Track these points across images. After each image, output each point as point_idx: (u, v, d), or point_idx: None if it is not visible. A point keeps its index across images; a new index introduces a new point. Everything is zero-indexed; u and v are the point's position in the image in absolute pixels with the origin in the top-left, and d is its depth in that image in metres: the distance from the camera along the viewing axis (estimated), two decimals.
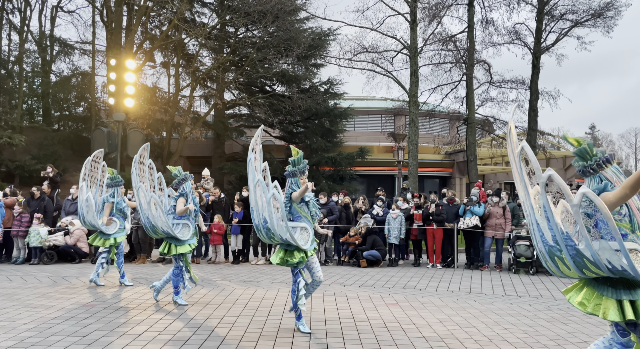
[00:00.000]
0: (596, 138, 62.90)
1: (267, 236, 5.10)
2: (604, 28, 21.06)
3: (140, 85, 20.88)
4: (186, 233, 6.61)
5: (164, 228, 6.46)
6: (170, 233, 6.46)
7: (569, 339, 5.32)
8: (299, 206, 5.23)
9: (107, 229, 7.78)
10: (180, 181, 6.69)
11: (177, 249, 6.52)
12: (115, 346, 4.67)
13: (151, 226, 6.61)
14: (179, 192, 6.68)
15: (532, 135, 21.41)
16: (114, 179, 7.94)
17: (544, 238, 3.10)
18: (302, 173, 5.30)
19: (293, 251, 5.12)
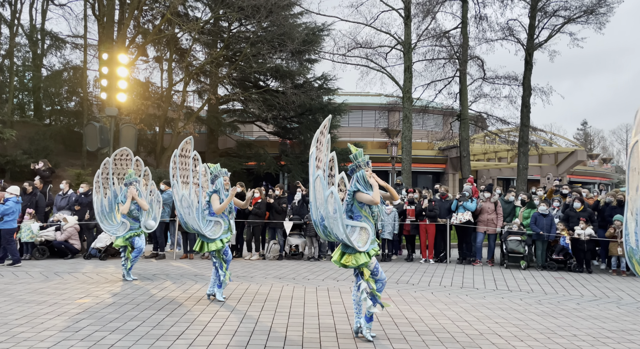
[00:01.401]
0: (588, 134, 63.43)
1: (324, 234, 4.93)
2: (596, 24, 21.19)
3: (132, 80, 20.72)
4: (217, 230, 6.62)
5: (194, 226, 6.53)
6: (200, 231, 6.52)
7: (558, 332, 5.39)
8: (359, 205, 4.98)
9: (117, 231, 7.98)
10: (215, 177, 6.75)
11: (208, 246, 6.57)
12: (108, 341, 4.66)
13: (183, 223, 6.74)
14: (212, 188, 6.73)
15: (525, 130, 21.53)
16: (130, 177, 8.06)
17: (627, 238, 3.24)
18: (366, 164, 5.05)
19: (354, 254, 4.82)
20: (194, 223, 6.49)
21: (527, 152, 21.90)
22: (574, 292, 7.87)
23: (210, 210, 6.63)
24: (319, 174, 4.76)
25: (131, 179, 8.01)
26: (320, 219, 4.86)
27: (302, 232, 11.27)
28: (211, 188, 6.74)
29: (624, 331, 5.51)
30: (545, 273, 9.83)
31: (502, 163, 31.95)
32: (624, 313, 6.43)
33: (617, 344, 5.02)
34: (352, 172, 5.12)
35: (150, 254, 10.90)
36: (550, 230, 10.26)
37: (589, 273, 9.83)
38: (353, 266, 4.87)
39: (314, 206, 4.92)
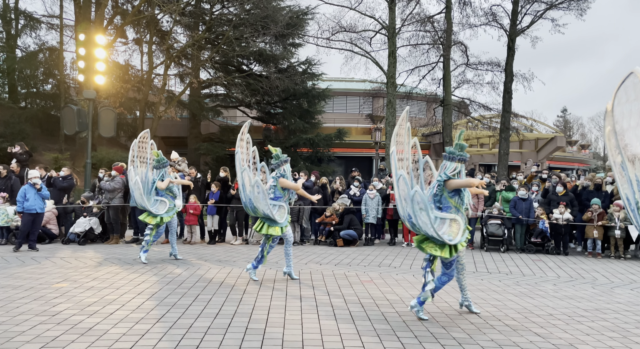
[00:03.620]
0: (567, 121, 64.52)
1: (414, 229, 4.88)
2: (577, 11, 21.35)
3: (111, 62, 20.20)
4: (282, 214, 6.65)
5: (265, 210, 6.50)
6: (270, 216, 6.52)
7: (535, 312, 5.51)
8: (449, 196, 4.82)
9: (156, 210, 8.02)
10: (281, 163, 6.71)
11: (268, 229, 6.61)
12: (85, 325, 4.60)
13: (252, 207, 6.69)
14: (279, 173, 6.70)
15: (506, 117, 21.74)
16: (160, 161, 8.12)
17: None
18: (462, 161, 4.91)
19: (440, 245, 4.79)
20: (265, 207, 6.47)
21: (508, 138, 22.16)
22: (551, 273, 8.06)
23: (276, 194, 6.66)
24: (401, 174, 4.71)
25: (165, 161, 8.16)
26: (407, 216, 4.82)
27: None
28: (276, 174, 6.73)
29: (598, 310, 5.67)
30: (524, 255, 10.03)
31: (484, 149, 32.33)
32: (598, 293, 6.62)
33: (591, 322, 5.16)
34: (448, 159, 4.99)
35: (131, 239, 10.76)
36: (529, 214, 10.45)
37: (566, 255, 10.07)
38: (432, 253, 4.86)
39: (400, 205, 4.86)
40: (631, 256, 10.10)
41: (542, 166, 16.90)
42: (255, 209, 6.65)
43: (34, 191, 9.26)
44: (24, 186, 9.34)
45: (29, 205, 9.17)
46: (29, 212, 9.19)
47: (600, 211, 10.06)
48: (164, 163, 8.19)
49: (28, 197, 9.16)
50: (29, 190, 9.22)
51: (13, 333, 4.34)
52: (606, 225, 9.94)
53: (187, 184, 9.06)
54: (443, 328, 4.78)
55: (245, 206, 6.84)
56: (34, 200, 9.22)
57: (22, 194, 9.21)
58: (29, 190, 9.22)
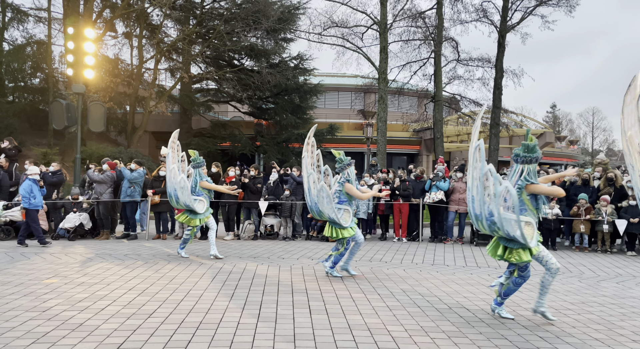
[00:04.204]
0: (557, 116, 65.14)
1: (489, 229, 4.76)
2: (567, 7, 21.54)
3: (100, 56, 19.97)
4: (347, 218, 6.63)
5: (331, 214, 6.50)
6: (336, 220, 6.51)
7: (523, 305, 5.60)
8: (528, 198, 4.75)
9: (198, 209, 8.00)
10: (345, 166, 6.67)
11: (341, 232, 6.59)
12: (76, 320, 4.59)
13: (317, 211, 6.67)
14: (344, 178, 6.67)
15: (497, 112, 21.92)
16: (196, 160, 8.13)
17: None
18: (535, 160, 4.76)
19: (518, 250, 4.69)
20: (330, 211, 6.47)
21: (498, 134, 22.36)
22: (539, 268, 8.17)
23: (341, 198, 6.63)
24: (489, 168, 4.55)
25: (200, 161, 8.18)
26: (488, 214, 4.63)
27: (277, 212, 11.27)
28: (341, 178, 6.71)
29: (584, 303, 5.78)
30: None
31: None
32: (585, 287, 6.74)
33: (577, 315, 5.26)
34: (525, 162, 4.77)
35: (122, 235, 10.71)
36: None
37: (554, 250, 10.22)
38: (516, 261, 4.75)
39: (479, 202, 4.64)
40: (617, 251, 10.28)
41: None
42: (321, 213, 6.64)
43: (37, 187, 9.23)
44: (28, 183, 9.22)
45: (37, 201, 9.15)
46: (36, 208, 9.17)
47: (588, 206, 10.22)
48: (199, 162, 8.19)
49: (35, 194, 9.12)
50: (34, 186, 9.18)
51: (3, 329, 4.32)
52: (593, 219, 10.10)
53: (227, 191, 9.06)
54: (433, 322, 4.85)
55: (311, 209, 6.84)
56: (40, 196, 9.23)
57: (28, 190, 9.10)
58: (34, 186, 9.18)
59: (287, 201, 10.95)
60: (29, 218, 9.19)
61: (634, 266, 8.51)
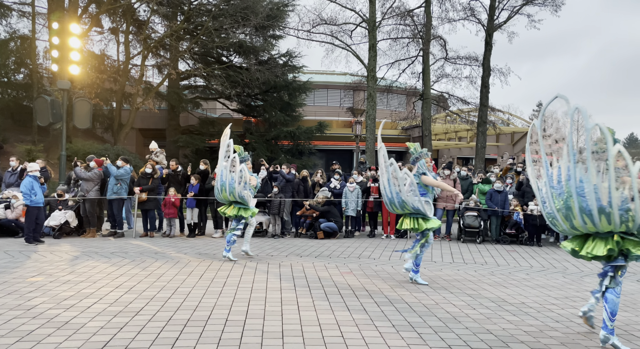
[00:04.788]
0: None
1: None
2: (553, 7, 21.79)
3: (86, 52, 19.69)
4: (429, 209, 6.51)
5: (416, 204, 6.33)
6: (421, 210, 6.38)
7: (508, 301, 5.69)
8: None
9: (250, 202, 7.99)
10: (416, 159, 6.56)
11: (425, 223, 6.44)
12: (62, 319, 4.54)
13: (400, 202, 6.40)
14: (420, 171, 6.52)
15: (484, 110, 22.12)
16: (241, 155, 8.09)
17: None
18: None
19: None
20: (415, 202, 6.31)
21: (485, 132, 22.56)
22: (524, 263, 8.31)
23: (421, 191, 6.47)
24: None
25: (245, 157, 8.17)
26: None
27: (266, 210, 11.25)
28: (417, 171, 6.55)
29: (568, 298, 5.89)
30: (499, 246, 10.30)
31: (462, 143, 32.84)
32: (569, 282, 6.86)
33: (561, 310, 5.36)
34: None
35: (108, 232, 10.60)
36: (504, 206, 10.71)
37: (539, 246, 10.38)
38: None
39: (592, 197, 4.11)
40: None
41: (518, 159, 17.28)
42: (404, 203, 6.36)
43: (38, 184, 9.13)
44: (29, 179, 9.10)
45: (38, 198, 9.05)
46: (37, 205, 9.07)
47: None
48: (244, 157, 8.17)
49: (35, 191, 9.00)
50: (35, 183, 9.06)
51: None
52: None
53: None
54: (420, 317, 4.90)
55: (391, 202, 6.49)
56: (41, 194, 9.12)
57: (29, 187, 8.99)
58: (35, 183, 9.06)
59: (276, 199, 10.94)
60: (28, 215, 9.09)
61: None
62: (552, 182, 4.26)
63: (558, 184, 4.19)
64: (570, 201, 4.07)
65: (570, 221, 4.13)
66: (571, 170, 4.11)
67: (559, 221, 4.23)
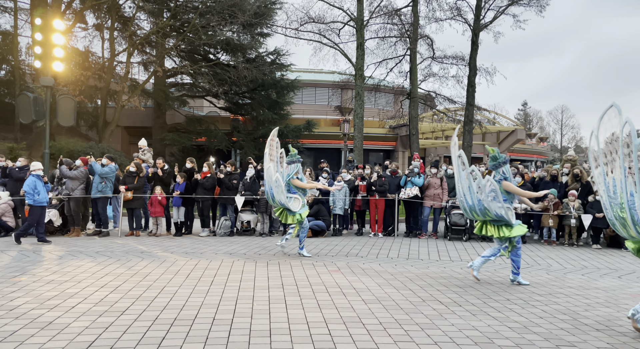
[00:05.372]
0: (527, 114, 66.86)
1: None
2: (537, 7, 22.12)
3: (70, 48, 19.38)
4: (511, 215, 6.33)
5: (499, 211, 6.18)
6: (504, 217, 6.22)
7: (493, 297, 5.77)
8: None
9: (293, 207, 8.00)
10: (501, 164, 6.40)
11: (510, 231, 6.27)
12: (45, 319, 4.47)
13: (482, 209, 6.25)
14: (501, 176, 6.37)
15: (470, 109, 22.34)
16: (294, 156, 8.14)
17: None
18: None
19: None
20: (498, 209, 6.16)
21: (471, 131, 22.80)
22: (509, 261, 8.40)
23: (503, 197, 6.28)
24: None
25: (295, 158, 8.16)
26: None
27: (254, 208, 11.22)
28: (496, 176, 6.42)
29: (551, 295, 5.99)
30: (485, 244, 10.42)
31: (449, 142, 33.09)
32: (552, 279, 6.98)
33: (544, 306, 5.45)
34: None
35: (93, 231, 10.46)
36: None
37: (524, 243, 10.52)
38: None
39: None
40: (583, 244, 10.66)
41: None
42: (486, 211, 6.24)
43: (42, 183, 9.00)
44: (32, 179, 8.95)
45: (42, 198, 8.92)
46: (40, 205, 8.94)
47: (556, 201, 10.55)
48: (295, 159, 8.20)
49: (39, 190, 8.87)
50: (38, 182, 8.93)
51: None
52: (561, 214, 10.44)
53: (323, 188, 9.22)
54: (407, 315, 4.94)
55: (471, 209, 6.38)
56: (44, 193, 8.99)
57: (32, 186, 8.85)
58: (38, 182, 8.93)
59: (263, 197, 10.91)
60: (31, 214, 8.96)
61: (598, 259, 8.86)
62: (609, 192, 4.48)
63: (614, 194, 4.42)
64: (623, 213, 4.31)
65: (627, 230, 4.39)
66: (622, 183, 4.28)
67: (618, 228, 4.49)
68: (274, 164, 8.06)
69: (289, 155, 8.23)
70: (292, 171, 8.20)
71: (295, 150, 8.35)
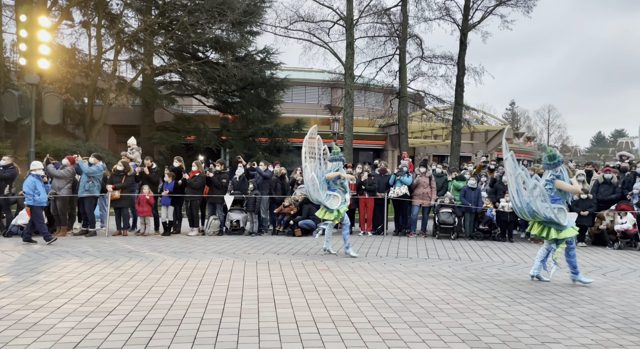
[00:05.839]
0: (515, 114, 67.55)
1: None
2: (524, 8, 22.35)
3: (56, 46, 19.09)
4: (563, 217, 6.24)
5: (548, 214, 6.11)
6: (554, 220, 6.13)
7: (481, 295, 5.82)
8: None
9: (331, 204, 8.08)
10: (559, 163, 6.29)
11: (558, 234, 6.20)
12: (30, 320, 4.41)
13: (530, 212, 6.20)
14: (554, 174, 6.27)
15: (459, 109, 22.50)
16: (337, 154, 8.24)
17: None
18: None
19: None
20: (547, 211, 6.10)
21: (460, 130, 22.96)
22: (497, 259, 8.51)
23: (555, 196, 6.21)
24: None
25: (337, 156, 8.19)
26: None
27: (243, 207, 11.17)
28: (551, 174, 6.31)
29: (537, 292, 6.07)
30: (472, 242, 10.52)
31: (438, 141, 33.34)
32: None
33: (530, 303, 5.52)
34: None
35: (80, 231, 10.34)
36: (477, 203, 10.94)
37: (511, 242, 10.65)
38: None
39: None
40: None
41: (491, 157, 17.66)
42: (535, 213, 6.16)
43: (41, 183, 8.86)
44: (32, 179, 8.79)
45: (42, 198, 8.78)
46: (40, 205, 8.80)
47: None
48: (337, 157, 8.22)
49: (39, 190, 8.73)
50: (38, 183, 8.79)
51: None
52: None
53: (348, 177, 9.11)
54: (395, 313, 4.97)
55: (522, 211, 6.30)
56: (44, 193, 8.86)
57: (32, 186, 8.70)
58: (38, 183, 8.79)
59: (252, 196, 10.87)
60: (34, 215, 8.83)
61: (583, 256, 8.99)
62: None
63: None
64: None
65: None
66: None
67: None
68: (311, 163, 8.18)
69: (332, 152, 8.31)
70: (333, 168, 8.26)
71: (338, 148, 8.49)
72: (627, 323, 4.80)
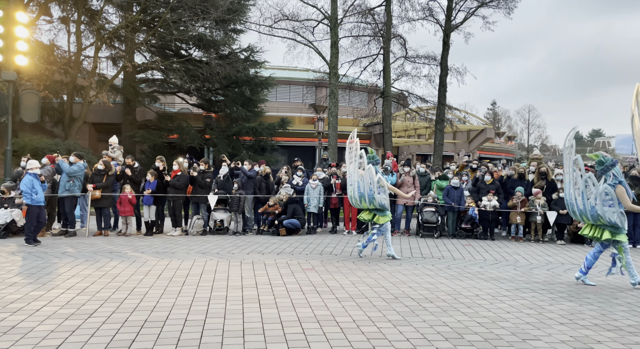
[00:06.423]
0: (496, 113, 68.59)
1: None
2: (506, 9, 22.69)
3: (34, 42, 18.66)
4: (623, 221, 6.19)
5: (613, 218, 6.10)
6: (618, 224, 6.12)
7: (463, 293, 5.90)
8: None
9: (385, 206, 8.08)
10: (609, 167, 6.20)
11: (613, 235, 6.24)
12: (8, 323, 4.31)
13: (594, 215, 6.22)
14: (615, 180, 6.14)
15: (442, 109, 22.73)
16: (373, 158, 8.27)
17: None
18: None
19: None
20: (611, 216, 6.07)
21: (443, 129, 23.20)
22: (478, 257, 8.64)
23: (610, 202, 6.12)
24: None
25: (374, 160, 8.20)
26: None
27: (227, 207, 11.10)
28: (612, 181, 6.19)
29: (518, 290, 6.18)
30: (455, 240, 10.65)
31: (421, 140, 33.63)
32: (519, 274, 7.20)
33: (512, 301, 5.62)
34: None
35: (59, 231, 10.12)
36: (460, 202, 11.08)
37: (492, 240, 10.82)
38: None
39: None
40: (548, 240, 11.04)
41: (473, 156, 17.91)
42: (598, 217, 6.16)
43: (39, 182, 8.68)
44: (29, 178, 8.57)
45: (39, 197, 8.59)
46: (38, 204, 8.61)
47: (523, 198, 10.88)
48: (373, 161, 8.22)
49: (36, 189, 8.53)
50: (36, 182, 8.58)
51: None
52: (528, 211, 10.77)
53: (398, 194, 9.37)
54: (380, 312, 5.00)
55: (582, 213, 6.31)
56: (42, 192, 8.68)
57: (29, 186, 8.48)
58: (36, 182, 8.58)
59: (236, 195, 10.81)
60: (28, 215, 8.63)
61: (562, 254, 9.19)
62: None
63: None
64: None
65: None
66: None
67: None
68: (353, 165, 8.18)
69: (368, 156, 8.28)
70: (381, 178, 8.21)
71: (373, 151, 8.54)
72: (604, 320, 4.93)
